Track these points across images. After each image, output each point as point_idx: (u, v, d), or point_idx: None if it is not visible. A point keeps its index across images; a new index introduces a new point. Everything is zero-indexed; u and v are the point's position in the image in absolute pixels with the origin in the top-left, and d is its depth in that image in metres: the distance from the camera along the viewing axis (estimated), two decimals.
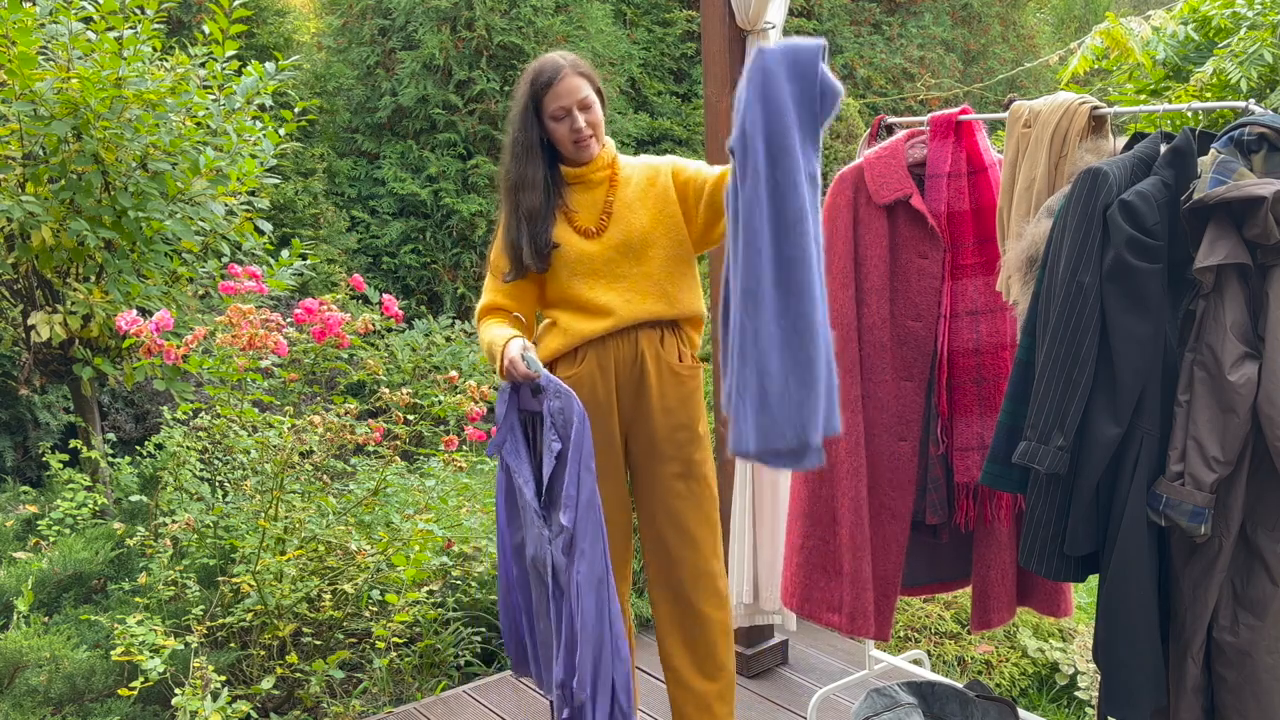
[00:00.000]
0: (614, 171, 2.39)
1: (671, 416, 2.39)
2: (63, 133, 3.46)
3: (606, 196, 2.37)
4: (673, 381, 2.39)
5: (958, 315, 2.37)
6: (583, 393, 2.32)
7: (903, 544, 2.43)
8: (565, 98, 2.28)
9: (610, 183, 2.38)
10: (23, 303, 3.93)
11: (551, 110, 2.30)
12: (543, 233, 2.33)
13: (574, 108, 2.29)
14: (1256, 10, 4.25)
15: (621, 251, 2.34)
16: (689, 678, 2.47)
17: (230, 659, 3.01)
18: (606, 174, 2.39)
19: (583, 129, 2.30)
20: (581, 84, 2.29)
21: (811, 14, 9.61)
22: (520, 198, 2.34)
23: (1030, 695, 3.41)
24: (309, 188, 6.89)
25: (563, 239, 2.34)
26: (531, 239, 2.32)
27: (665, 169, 2.40)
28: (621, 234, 2.34)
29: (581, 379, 2.35)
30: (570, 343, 2.35)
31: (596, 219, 2.36)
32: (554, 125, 2.32)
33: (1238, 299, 1.78)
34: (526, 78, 2.33)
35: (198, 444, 3.62)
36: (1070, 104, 2.11)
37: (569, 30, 7.61)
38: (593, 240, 2.35)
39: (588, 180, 2.38)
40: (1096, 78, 8.34)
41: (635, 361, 2.37)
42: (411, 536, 3.35)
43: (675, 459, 2.40)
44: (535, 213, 2.32)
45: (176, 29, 6.50)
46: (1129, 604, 1.90)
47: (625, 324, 2.34)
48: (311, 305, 3.22)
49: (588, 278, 2.34)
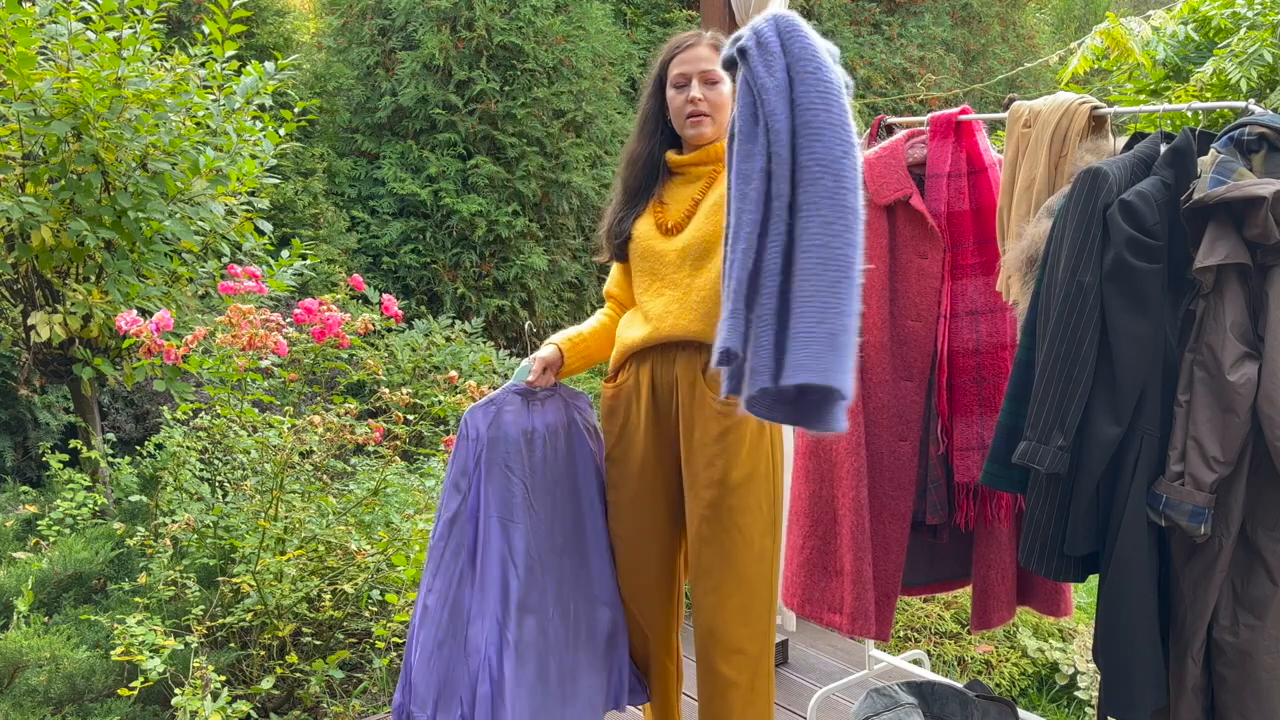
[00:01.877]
0: (719, 169, 2.15)
1: (700, 454, 2.12)
2: (62, 133, 3.46)
3: (702, 194, 2.14)
4: (706, 416, 2.10)
5: (958, 315, 2.37)
6: (620, 407, 2.22)
7: (903, 544, 2.43)
8: (689, 64, 2.10)
9: (711, 180, 2.16)
10: (23, 303, 3.93)
11: (674, 76, 2.12)
12: (625, 219, 2.20)
13: (694, 76, 2.10)
14: (1256, 10, 4.25)
15: (685, 254, 2.12)
16: None
17: (230, 659, 3.01)
18: (710, 170, 2.16)
19: (698, 100, 2.09)
20: (712, 56, 2.09)
21: (811, 14, 9.61)
22: (627, 173, 2.22)
23: (1030, 695, 3.41)
24: (309, 188, 6.89)
25: (640, 231, 2.18)
26: (615, 221, 2.21)
27: None
28: (698, 235, 2.11)
29: (621, 392, 2.21)
30: (620, 352, 2.21)
31: (681, 216, 2.15)
32: (672, 94, 2.13)
33: (1238, 299, 1.78)
34: (664, 48, 2.18)
35: (198, 444, 3.63)
36: (1070, 104, 2.11)
37: (569, 30, 7.61)
38: (668, 238, 2.15)
39: (689, 172, 2.18)
40: (1096, 78, 8.34)
41: (671, 387, 2.15)
42: (411, 536, 3.35)
43: (703, 500, 2.12)
44: (632, 192, 2.20)
45: (176, 29, 6.50)
46: (1129, 604, 1.90)
47: (660, 339, 2.12)
48: (311, 305, 3.21)
49: (647, 277, 2.17)
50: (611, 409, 2.27)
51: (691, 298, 2.10)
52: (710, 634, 2.14)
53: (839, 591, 2.43)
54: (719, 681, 2.14)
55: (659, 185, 2.20)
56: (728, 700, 2.15)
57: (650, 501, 2.25)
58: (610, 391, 2.27)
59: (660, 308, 2.13)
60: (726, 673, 2.13)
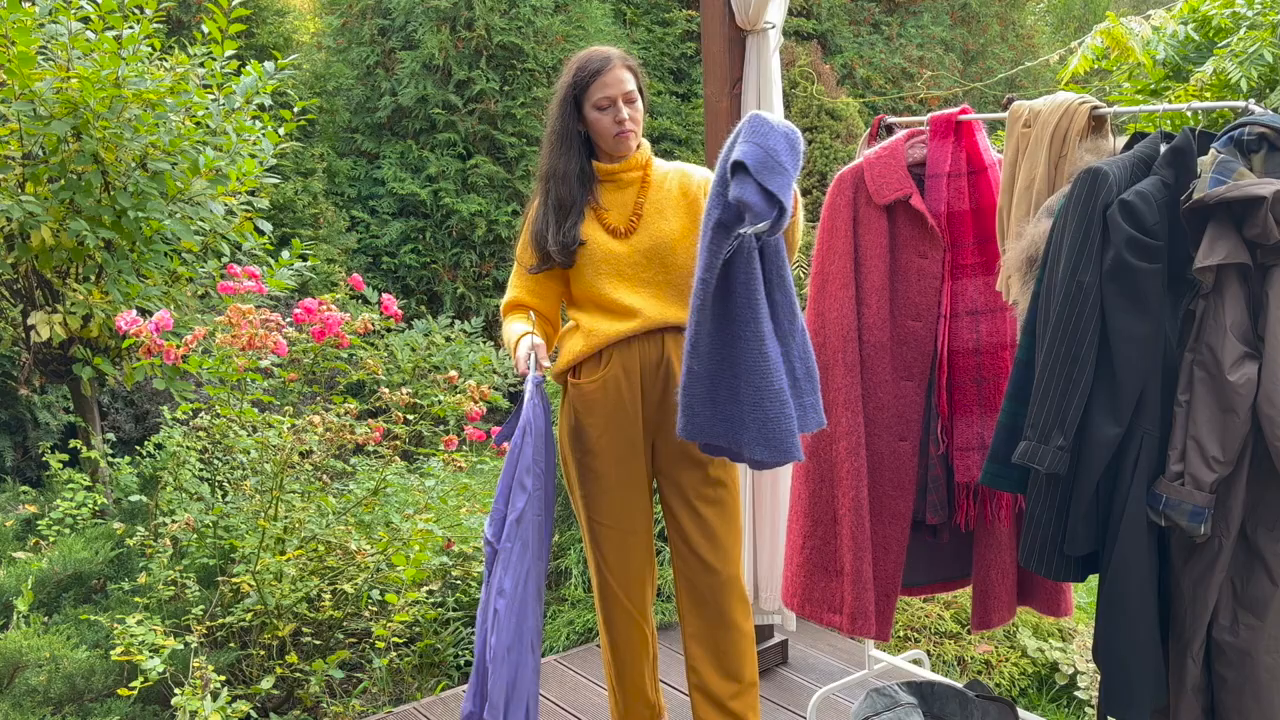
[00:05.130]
0: (647, 173, 2.36)
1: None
2: (62, 132, 3.46)
3: (637, 198, 2.34)
4: None
5: (958, 315, 2.37)
6: (607, 397, 2.30)
7: (903, 544, 2.43)
8: (612, 88, 2.26)
9: (642, 184, 2.36)
10: (23, 303, 3.93)
11: (596, 100, 2.27)
12: (571, 227, 2.30)
13: (619, 99, 2.26)
14: (1256, 10, 4.25)
15: (649, 256, 2.31)
16: (717, 689, 2.42)
17: (230, 659, 3.01)
18: (639, 175, 2.36)
19: (625, 121, 2.27)
20: (628, 77, 2.28)
21: (811, 14, 9.61)
22: (551, 187, 2.32)
23: (1030, 695, 3.41)
24: (309, 188, 6.89)
25: (590, 236, 2.32)
26: (558, 231, 2.30)
27: (699, 182, 2.37)
28: (650, 239, 2.31)
29: (607, 382, 2.32)
30: (595, 345, 2.31)
31: (626, 219, 2.34)
32: (596, 115, 2.28)
33: (1238, 299, 1.78)
34: (571, 67, 2.31)
35: (197, 444, 3.63)
36: (1070, 104, 2.11)
37: (568, 30, 7.62)
38: (621, 240, 2.32)
39: (620, 179, 2.35)
40: (1096, 78, 8.34)
41: (661, 365, 2.33)
42: (411, 536, 3.35)
43: (704, 464, 2.35)
44: (565, 204, 2.30)
45: (176, 29, 6.50)
46: (1129, 604, 1.90)
47: (653, 326, 2.30)
48: (311, 305, 3.21)
49: (613, 278, 2.31)
50: (593, 401, 2.33)
51: (669, 291, 2.33)
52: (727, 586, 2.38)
53: (839, 591, 2.43)
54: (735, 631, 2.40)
55: (589, 193, 2.34)
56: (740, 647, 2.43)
57: (636, 481, 2.38)
58: (593, 385, 2.31)
59: (644, 300, 2.31)
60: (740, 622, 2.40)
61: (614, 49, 2.32)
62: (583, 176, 2.33)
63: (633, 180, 2.35)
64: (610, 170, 2.34)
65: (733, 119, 2.96)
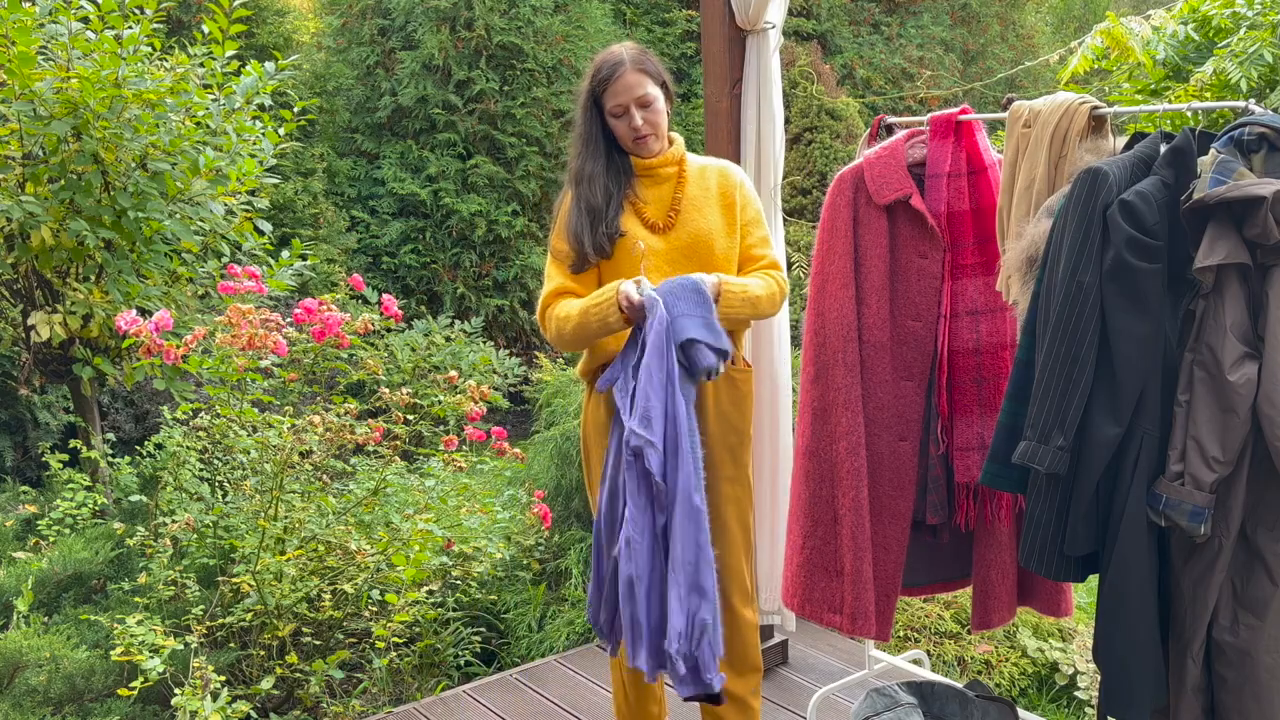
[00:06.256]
0: (682, 169, 2.37)
1: (725, 420, 2.37)
2: (62, 133, 3.46)
3: (674, 193, 2.35)
4: (727, 384, 2.37)
5: (958, 315, 2.37)
6: None
7: (903, 544, 2.43)
8: (623, 95, 2.25)
9: (678, 179, 2.36)
10: (23, 303, 3.93)
11: (610, 107, 2.27)
12: (611, 220, 2.29)
13: (632, 105, 2.25)
14: (1256, 10, 4.24)
15: (687, 251, 2.31)
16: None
17: (230, 659, 3.01)
18: (675, 170, 2.36)
19: (640, 127, 2.26)
20: (641, 80, 2.25)
21: (811, 14, 9.62)
22: (581, 190, 2.31)
23: (1030, 695, 3.41)
24: (309, 188, 6.89)
25: (629, 229, 2.31)
26: (593, 229, 2.28)
27: (737, 183, 2.38)
28: (689, 233, 2.32)
29: None
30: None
31: (664, 214, 2.34)
32: (614, 123, 2.29)
33: (1238, 299, 1.78)
34: (589, 72, 2.31)
35: (197, 444, 3.62)
36: (1070, 104, 2.11)
37: (568, 30, 7.62)
38: (659, 235, 2.32)
39: (656, 174, 2.35)
40: (1096, 78, 8.34)
41: None
42: (411, 536, 3.35)
43: (728, 463, 2.38)
44: (595, 209, 2.29)
45: (176, 29, 6.50)
46: (1129, 604, 1.90)
47: None
48: (311, 305, 3.21)
49: (650, 272, 2.29)
50: None
51: None
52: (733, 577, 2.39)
53: (839, 591, 2.43)
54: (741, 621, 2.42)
55: (626, 188, 2.34)
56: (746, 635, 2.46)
57: None
58: None
59: None
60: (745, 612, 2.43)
61: (628, 50, 2.30)
62: (616, 172, 2.32)
63: (669, 176, 2.36)
64: (647, 165, 2.34)
65: (733, 119, 2.97)
